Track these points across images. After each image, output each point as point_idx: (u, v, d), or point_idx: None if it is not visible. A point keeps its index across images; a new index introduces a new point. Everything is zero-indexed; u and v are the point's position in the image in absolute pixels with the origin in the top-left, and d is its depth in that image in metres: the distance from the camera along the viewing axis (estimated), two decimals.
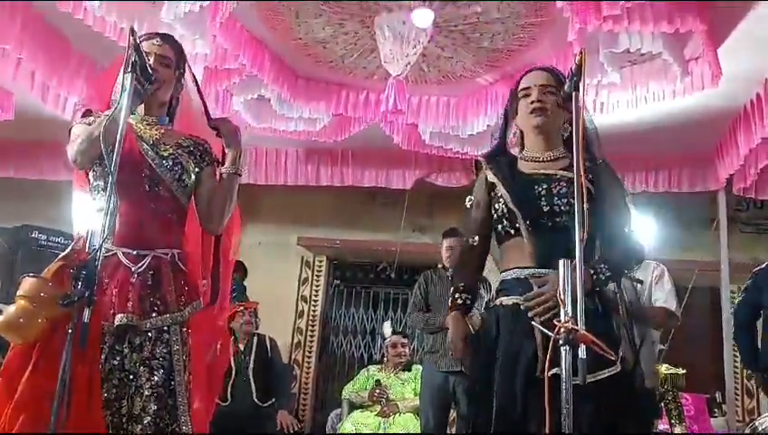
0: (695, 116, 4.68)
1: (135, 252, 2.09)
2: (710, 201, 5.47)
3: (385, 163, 5.93)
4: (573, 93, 1.89)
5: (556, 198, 2.03)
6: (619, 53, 3.84)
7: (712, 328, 5.84)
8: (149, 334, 2.04)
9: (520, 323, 1.97)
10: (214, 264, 2.34)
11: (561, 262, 1.70)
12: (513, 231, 2.09)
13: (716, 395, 5.58)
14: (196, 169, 2.25)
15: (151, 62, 2.10)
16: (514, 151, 2.27)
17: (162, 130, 2.24)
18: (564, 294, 1.67)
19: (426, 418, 4.36)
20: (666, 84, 4.16)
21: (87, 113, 2.23)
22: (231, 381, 4.70)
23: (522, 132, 2.26)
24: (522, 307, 1.96)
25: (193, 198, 2.28)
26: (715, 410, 5.60)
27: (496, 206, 2.14)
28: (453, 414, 4.61)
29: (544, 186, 2.05)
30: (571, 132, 2.11)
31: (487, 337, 2.06)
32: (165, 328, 2.06)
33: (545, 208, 2.04)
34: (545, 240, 1.97)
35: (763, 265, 4.10)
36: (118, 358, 2.00)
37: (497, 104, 4.70)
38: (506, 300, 2.06)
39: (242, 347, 4.92)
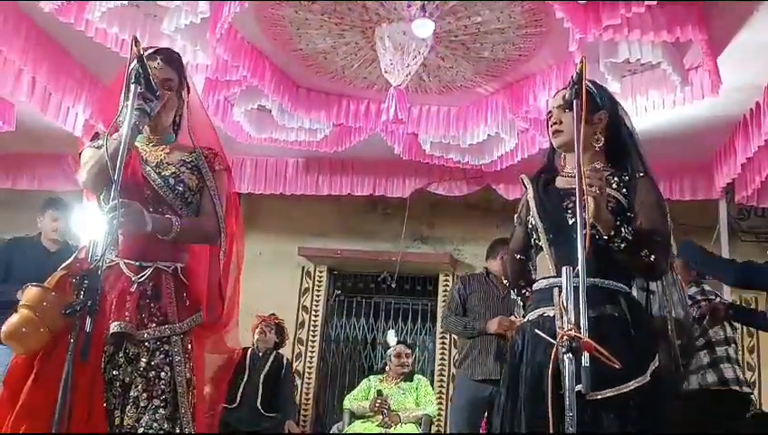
0: (695, 125, 4.69)
1: (137, 263, 2.09)
2: (711, 210, 5.46)
3: (385, 173, 5.94)
4: (575, 101, 1.91)
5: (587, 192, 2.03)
6: (619, 62, 3.86)
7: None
8: (147, 345, 2.03)
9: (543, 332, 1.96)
10: (220, 277, 2.33)
11: (564, 269, 1.70)
12: (540, 244, 2.14)
13: None
14: (200, 185, 2.25)
15: (156, 79, 2.09)
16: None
17: (167, 150, 2.24)
18: (567, 301, 1.67)
19: (456, 429, 4.13)
20: (666, 93, 4.17)
21: (95, 136, 2.23)
22: (242, 384, 4.83)
23: None
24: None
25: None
26: None
27: (529, 219, 2.21)
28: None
29: (573, 199, 2.05)
30: (607, 143, 2.15)
31: (512, 352, 2.09)
32: (164, 339, 2.05)
33: (570, 221, 2.06)
34: (570, 252, 1.92)
35: None
36: (117, 369, 1.99)
37: (497, 114, 4.72)
38: (532, 315, 2.09)
39: (260, 355, 5.02)
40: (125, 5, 3.69)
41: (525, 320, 2.13)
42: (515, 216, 2.37)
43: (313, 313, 6.82)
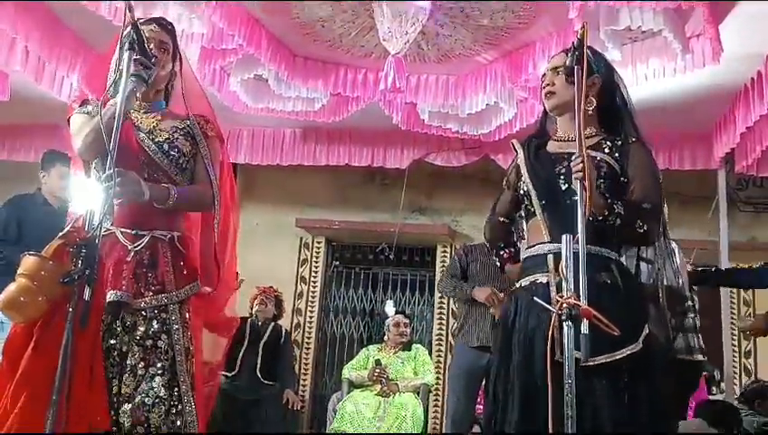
0: (695, 94, 4.66)
1: (134, 232, 2.08)
2: (709, 180, 5.46)
3: (383, 143, 5.90)
4: (576, 68, 1.89)
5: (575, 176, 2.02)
6: (620, 30, 3.81)
7: (710, 307, 5.85)
8: (144, 314, 2.02)
9: (535, 302, 1.96)
10: (215, 245, 2.33)
11: (564, 237, 1.70)
12: (533, 209, 2.13)
13: (715, 373, 5.61)
14: (194, 152, 2.24)
15: (151, 47, 2.08)
16: None
17: (159, 117, 2.22)
18: (567, 269, 1.67)
19: (455, 396, 4.13)
20: (666, 62, 4.13)
21: (84, 102, 2.21)
22: (241, 354, 4.86)
23: None
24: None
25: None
26: (714, 387, 5.63)
27: (520, 185, 2.21)
28: None
29: (565, 164, 2.04)
30: (599, 108, 2.15)
31: (505, 319, 2.08)
32: (162, 307, 2.05)
33: (563, 187, 2.06)
34: (562, 217, 1.95)
35: None
36: (115, 338, 1.98)
37: (496, 83, 4.68)
38: (524, 281, 2.09)
39: (259, 325, 5.05)
40: None
41: (518, 286, 2.12)
42: (504, 180, 2.37)
43: (312, 284, 6.84)
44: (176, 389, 2.00)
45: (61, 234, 1.84)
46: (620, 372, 1.85)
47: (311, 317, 6.76)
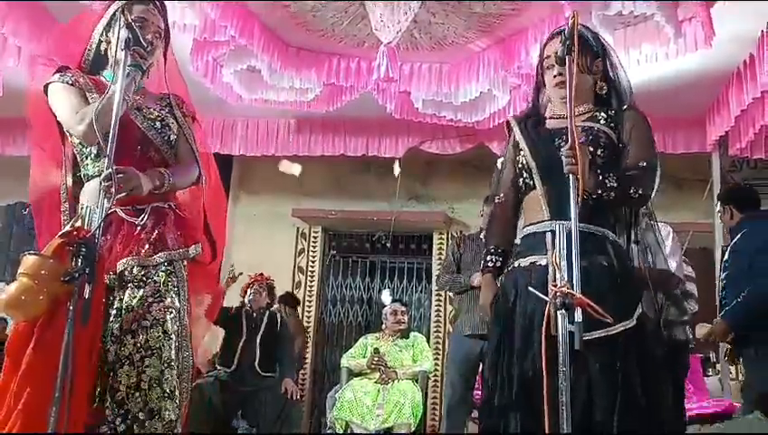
0: (688, 77, 4.67)
1: (133, 208, 2.12)
2: (703, 163, 5.48)
3: (378, 132, 5.91)
4: (567, 57, 1.90)
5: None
6: (612, 15, 3.82)
7: (705, 289, 5.89)
8: (153, 269, 2.06)
9: (534, 284, 1.97)
10: (205, 220, 2.36)
11: (557, 225, 1.71)
12: (532, 183, 2.12)
13: (710, 355, 5.66)
14: (177, 127, 2.28)
15: (149, 31, 2.13)
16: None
17: (139, 95, 2.23)
18: (560, 256, 1.69)
19: (451, 384, 4.18)
20: (659, 46, 4.14)
21: (63, 69, 2.21)
22: (240, 348, 4.85)
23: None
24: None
25: None
26: (709, 369, 5.69)
27: (518, 159, 2.19)
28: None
29: (564, 137, 2.04)
30: (606, 90, 2.16)
31: (505, 300, 2.07)
32: (169, 262, 2.10)
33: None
34: (561, 191, 1.93)
35: None
36: (120, 303, 2.02)
37: (489, 70, 4.68)
38: (523, 262, 2.08)
39: (254, 316, 5.05)
40: None
41: (517, 265, 2.11)
42: (499, 160, 2.33)
43: (309, 273, 6.86)
44: (185, 329, 2.07)
45: (61, 233, 1.85)
46: (615, 347, 1.87)
47: (309, 307, 6.79)
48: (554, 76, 2.16)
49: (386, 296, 5.62)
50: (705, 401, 4.80)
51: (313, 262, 6.89)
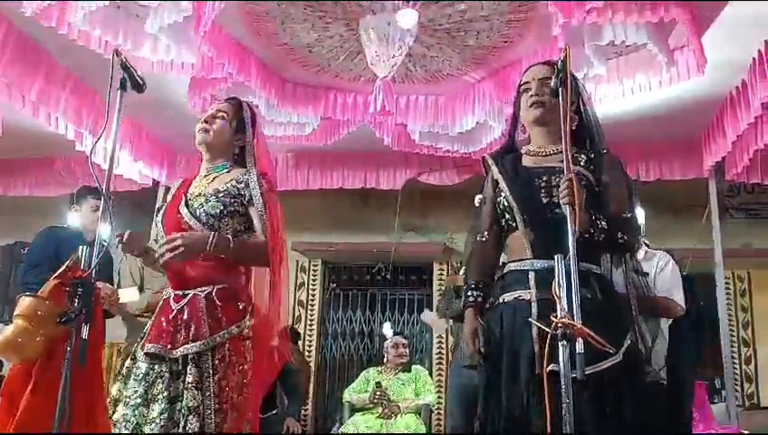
0: (682, 104, 4.71)
1: (181, 292, 2.23)
2: (700, 189, 5.49)
3: (376, 165, 5.93)
4: (560, 90, 1.91)
5: (555, 190, 2.02)
6: (605, 45, 3.86)
7: (707, 315, 5.87)
8: (181, 361, 2.13)
9: (518, 319, 1.99)
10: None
11: (556, 257, 1.71)
12: (514, 224, 2.14)
13: (716, 382, 5.61)
14: (241, 208, 2.33)
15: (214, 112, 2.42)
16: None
17: (213, 178, 2.38)
18: (560, 288, 1.68)
19: (451, 415, 4.17)
20: (652, 75, 4.18)
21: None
22: None
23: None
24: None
25: None
26: (715, 396, 5.64)
27: (499, 200, 2.19)
28: None
29: (544, 178, 2.06)
30: (577, 125, 2.15)
31: (492, 336, 2.07)
32: (195, 355, 2.14)
33: (545, 200, 2.07)
34: (544, 231, 1.97)
35: None
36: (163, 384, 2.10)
37: (485, 101, 4.72)
38: (508, 296, 2.08)
39: None
40: (107, 6, 3.65)
41: (500, 301, 2.11)
42: (477, 197, 2.34)
43: (310, 307, 6.84)
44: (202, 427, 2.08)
45: (56, 274, 1.85)
46: (603, 383, 1.86)
47: (310, 341, 6.74)
48: (531, 96, 2.19)
49: (387, 329, 5.59)
50: (711, 428, 4.75)
51: (313, 295, 6.87)
